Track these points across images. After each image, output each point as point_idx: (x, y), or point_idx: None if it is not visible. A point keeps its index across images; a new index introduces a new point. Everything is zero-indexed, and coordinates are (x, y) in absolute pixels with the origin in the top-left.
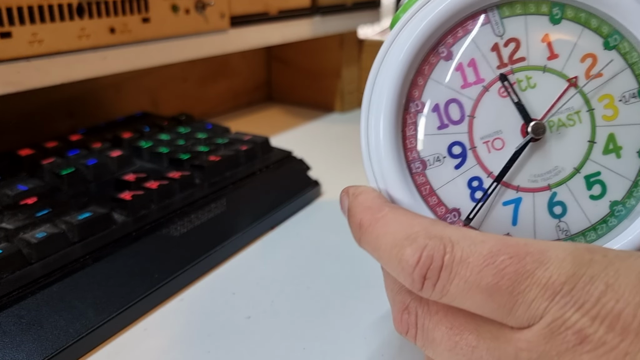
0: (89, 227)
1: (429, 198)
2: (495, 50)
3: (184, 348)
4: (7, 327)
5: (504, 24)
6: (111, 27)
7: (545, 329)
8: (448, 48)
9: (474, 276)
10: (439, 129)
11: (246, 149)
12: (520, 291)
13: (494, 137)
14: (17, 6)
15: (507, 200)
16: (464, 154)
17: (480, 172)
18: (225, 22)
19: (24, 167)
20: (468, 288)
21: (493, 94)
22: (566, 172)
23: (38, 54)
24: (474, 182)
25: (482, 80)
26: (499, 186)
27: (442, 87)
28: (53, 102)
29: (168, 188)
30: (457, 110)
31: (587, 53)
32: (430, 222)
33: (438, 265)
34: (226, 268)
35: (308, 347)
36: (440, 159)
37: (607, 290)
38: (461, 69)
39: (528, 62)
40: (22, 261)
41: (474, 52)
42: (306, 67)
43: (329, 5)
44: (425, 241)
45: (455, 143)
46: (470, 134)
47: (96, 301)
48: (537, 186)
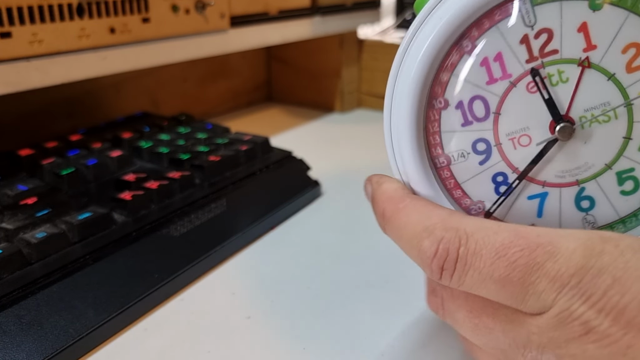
0: (89, 227)
1: (454, 191)
2: (525, 42)
3: (184, 348)
4: (7, 327)
5: (535, 13)
6: (111, 27)
7: (554, 318)
8: (473, 41)
9: (487, 268)
10: (463, 126)
11: (246, 149)
12: (531, 282)
13: (521, 133)
14: (17, 6)
15: (533, 194)
16: (488, 151)
17: (505, 168)
18: (225, 22)
19: (24, 167)
20: (482, 279)
21: (521, 89)
22: (596, 168)
23: (38, 54)
24: (498, 177)
25: (509, 76)
26: (524, 182)
27: (466, 84)
28: (53, 102)
29: (168, 188)
30: (482, 107)
31: (630, 42)
32: (448, 213)
33: (453, 257)
34: (226, 268)
35: (308, 347)
36: (465, 155)
37: (614, 284)
38: (486, 64)
39: (561, 54)
40: (22, 261)
41: (501, 46)
42: (306, 67)
43: (328, 5)
44: (441, 233)
45: (480, 140)
46: (495, 130)
47: (96, 301)
48: (565, 182)
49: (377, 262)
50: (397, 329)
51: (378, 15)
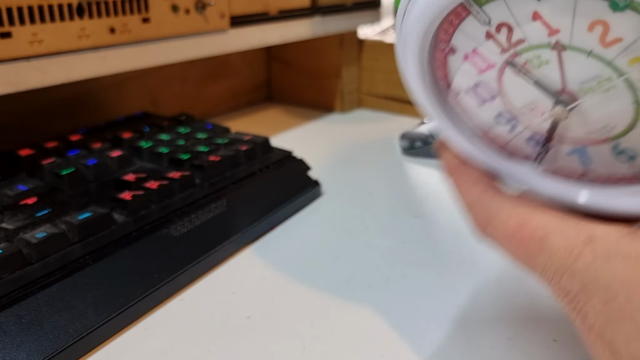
0: (89, 227)
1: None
2: (490, 37)
3: (184, 348)
4: (7, 327)
5: (485, 12)
6: (111, 27)
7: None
8: (447, 43)
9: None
10: (479, 106)
11: (246, 149)
12: (531, 266)
13: (532, 105)
14: (17, 6)
15: (571, 150)
16: (511, 121)
17: (534, 133)
18: (225, 22)
19: (24, 167)
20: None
21: (510, 74)
22: (619, 129)
23: (38, 54)
24: (531, 141)
25: (494, 65)
26: (554, 144)
27: (462, 75)
28: (53, 102)
29: (168, 188)
30: (486, 91)
31: (593, 21)
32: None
33: (482, 231)
34: (226, 268)
35: (308, 347)
36: (493, 126)
37: (581, 290)
38: (469, 58)
39: (529, 42)
40: (22, 261)
41: (472, 43)
42: (306, 67)
43: (328, 5)
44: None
45: (500, 114)
46: (508, 105)
47: (96, 301)
48: (594, 138)
49: (377, 262)
50: (397, 329)
51: (378, 15)
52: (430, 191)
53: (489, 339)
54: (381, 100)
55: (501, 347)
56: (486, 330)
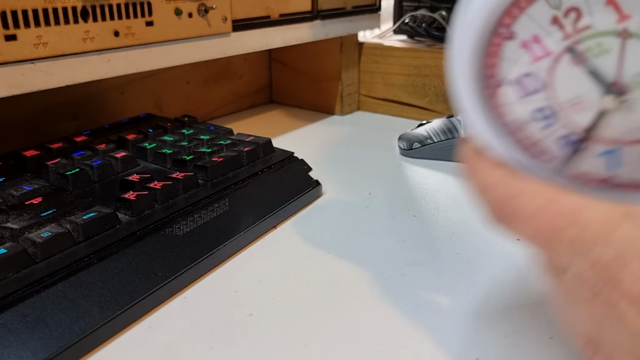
0: (94, 227)
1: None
2: (556, 23)
3: (187, 345)
4: (12, 326)
5: None
6: (115, 31)
7: (571, 279)
8: (508, 28)
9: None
10: (521, 98)
11: (248, 150)
12: (554, 245)
13: (577, 100)
14: (22, 9)
15: (603, 151)
16: (549, 118)
17: (567, 131)
18: (227, 26)
19: (30, 168)
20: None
21: (565, 63)
22: None
23: (43, 57)
24: (561, 141)
25: (550, 53)
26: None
27: (513, 64)
28: (58, 104)
29: (171, 188)
30: (534, 82)
31: None
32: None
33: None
34: (228, 267)
35: (309, 344)
36: (527, 122)
37: (615, 257)
38: (527, 46)
39: (595, 29)
40: (27, 260)
41: (535, 29)
42: (307, 70)
43: (329, 9)
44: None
45: (541, 108)
46: (552, 100)
47: (101, 299)
48: (633, 138)
49: (376, 261)
50: (396, 326)
51: (377, 19)
52: (428, 191)
53: (486, 337)
54: (380, 102)
55: (498, 344)
56: (483, 328)
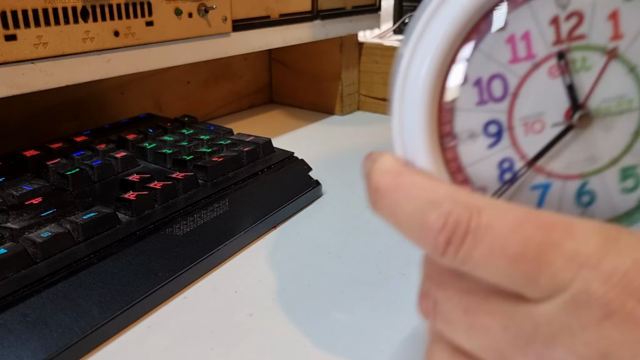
0: (94, 227)
1: (457, 174)
2: (555, 23)
3: (187, 345)
4: (12, 326)
5: None
6: (115, 31)
7: (569, 301)
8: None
9: (500, 242)
10: (478, 104)
11: (248, 150)
12: (546, 261)
13: (535, 119)
14: (22, 9)
15: (536, 184)
16: (499, 134)
17: (513, 154)
18: (227, 26)
19: (30, 168)
20: (493, 254)
21: (542, 72)
22: (602, 163)
23: (43, 57)
24: (504, 164)
25: (533, 57)
26: (530, 170)
27: (488, 60)
28: (58, 104)
29: (171, 188)
30: (501, 86)
31: None
32: (455, 188)
33: (463, 229)
34: (228, 267)
35: (308, 344)
36: (474, 136)
37: (634, 266)
38: (512, 41)
39: (588, 40)
40: (27, 260)
41: (530, 24)
42: (307, 70)
43: (329, 9)
44: (450, 206)
45: (493, 121)
46: (510, 113)
47: (101, 299)
48: (570, 173)
49: (376, 261)
50: (396, 326)
51: (377, 19)
52: None
53: None
54: (380, 102)
55: None
56: None
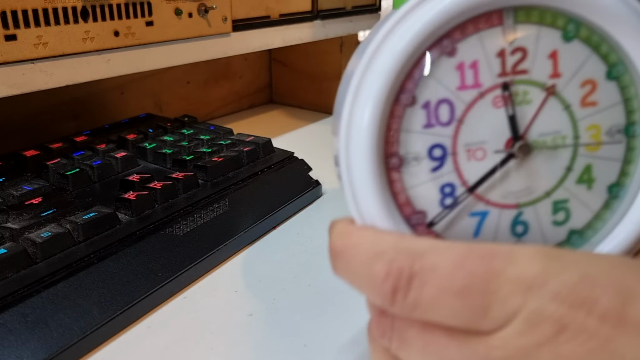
0: (94, 227)
1: (398, 196)
2: (501, 56)
3: (187, 345)
4: (12, 326)
5: (516, 30)
6: (115, 31)
7: (522, 323)
8: (454, 44)
9: (446, 281)
10: (425, 127)
11: (248, 150)
12: (493, 290)
13: (477, 146)
14: (22, 9)
15: (475, 211)
16: (443, 158)
17: (455, 180)
18: (227, 26)
19: (30, 168)
20: (441, 294)
21: (487, 102)
22: (537, 194)
23: (43, 57)
24: (446, 189)
25: (480, 86)
26: (470, 197)
27: (438, 85)
28: (58, 104)
29: (171, 188)
30: (448, 111)
31: (589, 79)
32: (398, 237)
33: (407, 275)
34: (228, 267)
35: (309, 344)
36: (419, 159)
37: (581, 280)
38: (462, 69)
39: (530, 76)
40: (27, 260)
41: (479, 54)
42: (307, 70)
43: (329, 9)
44: (393, 254)
45: (437, 145)
46: (454, 139)
47: (101, 299)
48: (506, 202)
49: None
50: None
51: (378, 19)
52: None
53: None
54: None
55: None
56: None
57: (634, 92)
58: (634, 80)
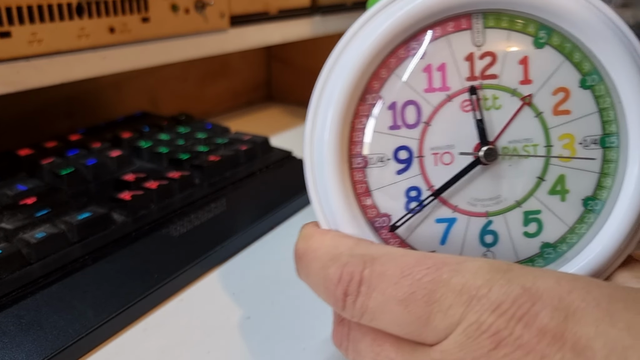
0: (89, 227)
1: (363, 197)
2: (470, 60)
3: (183, 348)
4: (6, 328)
5: (485, 35)
6: (111, 27)
7: (461, 335)
8: (421, 45)
9: (391, 288)
10: (391, 128)
11: (246, 148)
12: (436, 300)
13: (445, 150)
14: (17, 6)
15: (442, 217)
16: (409, 161)
17: (421, 183)
18: (225, 22)
19: (24, 167)
20: (386, 301)
21: (455, 105)
22: (507, 203)
23: (37, 54)
24: (412, 192)
25: (448, 89)
26: (436, 202)
27: (405, 86)
28: (52, 102)
29: (168, 188)
30: (414, 113)
31: (561, 86)
32: (355, 241)
33: (357, 280)
34: (226, 268)
35: (307, 347)
36: (384, 160)
37: (523, 293)
38: (429, 71)
39: (499, 81)
40: (21, 261)
41: (447, 57)
42: (306, 66)
43: (328, 5)
44: (347, 259)
45: (403, 147)
46: (421, 141)
47: (96, 301)
48: (475, 210)
49: None
50: None
51: None
52: None
53: None
54: None
55: None
56: None
57: (610, 102)
58: (610, 89)
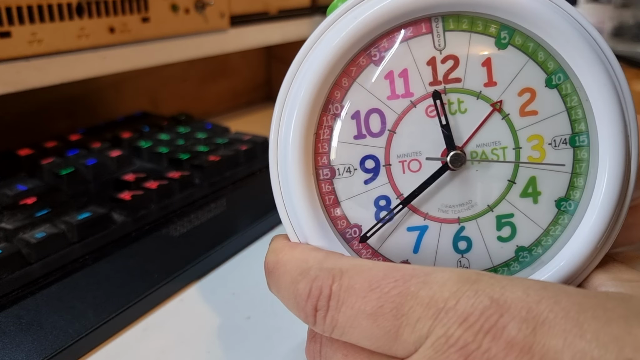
0: (89, 227)
1: (332, 209)
2: (432, 64)
3: (183, 348)
4: (6, 327)
5: (446, 38)
6: (111, 27)
7: (430, 349)
8: (381, 52)
9: (360, 302)
10: (356, 138)
11: (246, 148)
12: (404, 313)
13: (412, 157)
14: (17, 6)
15: (413, 226)
16: (376, 170)
17: (389, 192)
18: (225, 22)
19: (24, 167)
20: (355, 315)
21: (420, 111)
22: (479, 208)
23: (37, 54)
24: (381, 201)
25: (411, 95)
26: (406, 210)
27: (367, 94)
28: (52, 101)
29: (168, 188)
30: (378, 122)
31: (526, 87)
32: (324, 255)
33: (326, 294)
34: (226, 268)
35: None
36: (351, 170)
37: (491, 305)
38: (391, 77)
39: (463, 84)
40: (21, 261)
41: (408, 63)
42: None
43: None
44: (316, 273)
45: (370, 157)
46: (387, 150)
47: (96, 301)
48: (446, 217)
49: None
50: None
51: None
52: None
53: None
54: None
55: None
56: None
57: (577, 100)
58: (576, 87)
